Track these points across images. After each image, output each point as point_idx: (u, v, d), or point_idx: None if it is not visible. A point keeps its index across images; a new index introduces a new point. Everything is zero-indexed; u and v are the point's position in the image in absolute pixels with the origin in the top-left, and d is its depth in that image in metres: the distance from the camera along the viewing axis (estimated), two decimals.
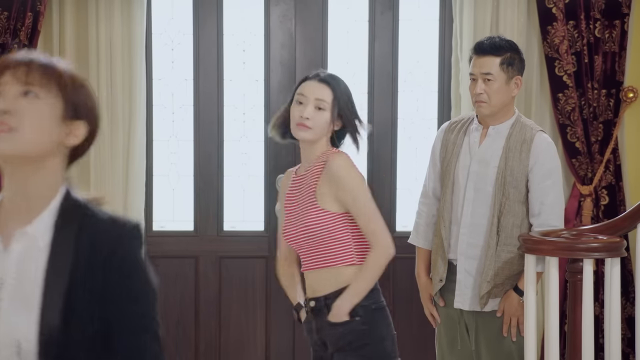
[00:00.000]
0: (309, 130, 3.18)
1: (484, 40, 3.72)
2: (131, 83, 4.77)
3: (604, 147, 4.73)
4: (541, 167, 3.63)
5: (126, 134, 4.79)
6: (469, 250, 3.67)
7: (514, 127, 3.68)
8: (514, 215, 3.64)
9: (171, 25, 4.98)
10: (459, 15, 4.77)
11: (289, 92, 4.88)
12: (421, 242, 3.91)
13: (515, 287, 3.66)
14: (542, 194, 3.62)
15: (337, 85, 3.22)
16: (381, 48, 4.95)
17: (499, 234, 3.62)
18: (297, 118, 3.19)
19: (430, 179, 3.87)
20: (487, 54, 3.64)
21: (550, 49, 4.67)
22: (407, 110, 5.02)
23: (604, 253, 3.57)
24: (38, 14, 4.59)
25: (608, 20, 4.67)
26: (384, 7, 4.94)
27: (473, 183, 3.66)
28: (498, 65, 3.63)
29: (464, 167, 3.68)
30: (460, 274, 3.69)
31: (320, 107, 3.18)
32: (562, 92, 4.68)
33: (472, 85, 3.67)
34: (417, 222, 3.93)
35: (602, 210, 4.76)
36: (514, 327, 3.68)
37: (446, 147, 3.77)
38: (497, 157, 3.63)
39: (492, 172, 3.63)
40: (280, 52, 4.93)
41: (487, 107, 3.64)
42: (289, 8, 4.93)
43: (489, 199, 3.63)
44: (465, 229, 3.66)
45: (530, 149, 3.62)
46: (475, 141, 3.69)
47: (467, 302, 3.70)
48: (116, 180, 4.77)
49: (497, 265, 3.62)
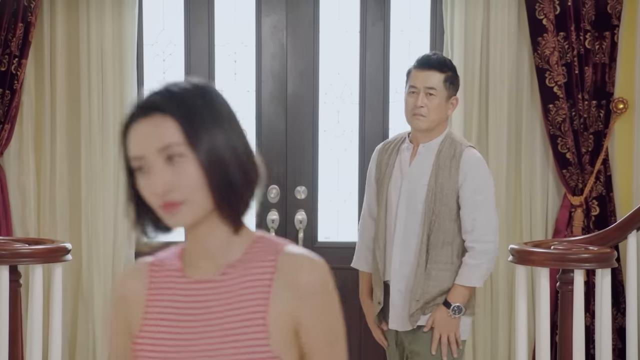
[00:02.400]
0: None
1: (430, 55, 3.69)
2: (122, 94, 4.77)
3: (594, 158, 4.74)
4: (470, 182, 3.55)
5: (118, 145, 4.78)
6: (401, 269, 3.59)
7: (443, 143, 3.60)
8: (445, 233, 3.54)
9: (162, 35, 4.98)
10: (450, 27, 4.79)
11: (280, 103, 4.92)
12: (362, 265, 3.83)
13: (445, 301, 3.55)
14: (473, 210, 3.53)
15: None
16: (372, 59, 4.96)
17: (428, 252, 3.54)
18: None
19: (367, 201, 3.82)
20: (433, 69, 3.60)
21: (540, 60, 4.68)
22: (398, 121, 5.02)
23: (595, 264, 3.59)
24: (29, 24, 4.59)
25: (598, 31, 4.69)
26: (375, 17, 4.95)
27: (405, 202, 3.59)
28: (442, 81, 3.59)
29: (396, 187, 3.62)
30: (394, 294, 3.60)
31: None
32: (552, 103, 4.69)
33: (410, 98, 3.61)
34: (359, 245, 3.86)
35: (592, 221, 4.76)
36: (445, 345, 3.54)
37: (380, 168, 3.72)
38: (427, 175, 3.56)
39: (422, 189, 3.56)
40: (272, 63, 4.93)
41: (425, 121, 3.57)
42: (280, 19, 4.93)
43: (419, 216, 3.55)
44: (397, 248, 3.59)
45: (459, 165, 3.55)
46: (406, 160, 3.63)
47: (400, 322, 3.60)
48: (107, 191, 4.76)
49: (426, 283, 3.53)
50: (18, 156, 4.76)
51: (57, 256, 3.73)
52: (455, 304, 3.51)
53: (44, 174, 4.78)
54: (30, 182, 4.75)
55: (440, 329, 3.52)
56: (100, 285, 4.75)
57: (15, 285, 3.71)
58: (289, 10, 4.93)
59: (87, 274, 4.75)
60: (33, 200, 4.76)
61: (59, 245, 3.77)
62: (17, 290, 3.73)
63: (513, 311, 4.68)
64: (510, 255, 3.75)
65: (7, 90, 4.60)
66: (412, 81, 3.63)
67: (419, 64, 3.63)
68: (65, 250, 3.76)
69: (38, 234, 4.74)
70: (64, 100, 4.78)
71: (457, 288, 3.52)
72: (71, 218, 4.80)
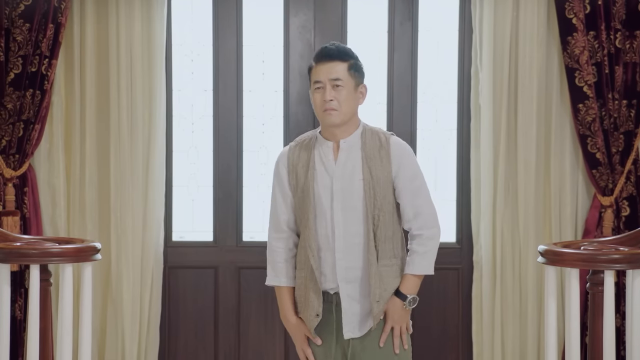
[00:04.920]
0: None
1: (328, 45, 3.40)
2: (151, 94, 4.80)
3: (624, 158, 4.70)
4: (406, 169, 3.38)
5: (146, 145, 4.82)
6: (348, 275, 3.35)
7: (364, 135, 3.41)
8: (386, 227, 3.37)
9: (191, 36, 5.00)
10: (479, 26, 4.77)
11: (308, 102, 4.92)
12: (283, 280, 3.47)
13: (398, 292, 3.36)
14: (414, 197, 3.36)
15: None
16: (400, 58, 4.95)
17: (377, 249, 3.34)
18: None
19: (282, 211, 3.47)
20: (334, 59, 3.34)
21: (570, 60, 4.65)
22: (426, 121, 5.01)
23: (626, 265, 3.55)
24: (59, 25, 4.62)
25: (629, 30, 4.66)
26: (404, 17, 4.94)
27: (339, 203, 3.36)
28: (346, 70, 3.34)
29: (326, 188, 3.38)
30: (345, 301, 3.36)
31: None
32: (582, 103, 4.66)
33: (318, 94, 3.35)
34: (274, 261, 3.49)
35: (623, 222, 4.73)
36: (397, 337, 3.37)
37: (295, 172, 3.45)
38: (359, 170, 3.36)
39: (357, 185, 3.36)
40: (300, 63, 4.94)
41: (337, 115, 3.34)
42: (308, 19, 4.94)
43: (360, 215, 3.35)
44: (340, 254, 3.35)
45: (389, 154, 3.38)
46: (329, 158, 3.40)
47: (357, 328, 3.37)
48: (136, 190, 4.79)
49: (382, 281, 3.34)
50: (48, 156, 4.79)
51: (86, 255, 3.75)
52: (411, 295, 3.34)
53: (74, 173, 4.81)
54: (60, 182, 4.78)
55: (394, 322, 3.36)
56: (129, 285, 4.78)
57: (46, 284, 3.74)
58: (317, 10, 4.93)
59: (116, 273, 4.79)
60: (63, 199, 4.79)
61: (89, 245, 3.79)
62: (47, 289, 3.76)
63: (542, 312, 4.66)
64: (540, 255, 3.72)
65: (38, 90, 4.63)
66: (315, 76, 3.36)
67: (320, 57, 3.36)
68: (95, 250, 3.78)
69: (67, 233, 4.78)
70: (94, 100, 4.81)
71: (409, 278, 3.35)
72: (100, 217, 4.84)
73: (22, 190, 4.72)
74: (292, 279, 3.47)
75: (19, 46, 4.60)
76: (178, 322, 5.00)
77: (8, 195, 4.66)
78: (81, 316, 3.76)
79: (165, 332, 4.97)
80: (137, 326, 4.81)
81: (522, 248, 4.79)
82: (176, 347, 5.01)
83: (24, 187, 4.72)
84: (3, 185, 4.67)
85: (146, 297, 4.82)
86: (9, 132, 4.64)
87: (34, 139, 4.67)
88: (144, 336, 4.82)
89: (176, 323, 5.00)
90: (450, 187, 4.99)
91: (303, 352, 3.47)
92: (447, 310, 5.00)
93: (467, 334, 4.96)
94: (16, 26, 4.59)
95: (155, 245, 4.83)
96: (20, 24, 4.59)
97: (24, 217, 4.71)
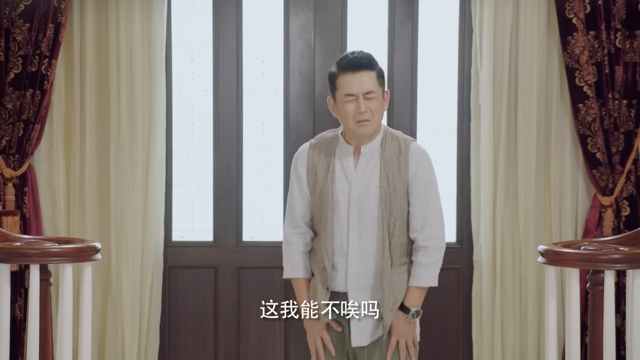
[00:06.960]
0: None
1: (356, 54, 3.33)
2: (151, 94, 4.80)
3: (624, 158, 4.70)
4: (421, 176, 3.37)
5: (146, 145, 4.82)
6: (359, 282, 3.37)
7: (384, 140, 3.39)
8: (402, 234, 3.37)
9: (191, 36, 5.00)
10: (479, 26, 4.77)
11: (308, 102, 4.93)
12: (301, 272, 3.48)
13: (401, 305, 3.35)
14: (425, 207, 3.36)
15: None
16: (400, 58, 4.95)
17: (392, 257, 3.34)
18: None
19: (299, 207, 3.47)
20: (364, 68, 3.30)
21: (570, 60, 4.65)
22: (426, 121, 5.01)
23: (626, 265, 3.55)
24: (59, 25, 4.62)
25: (629, 30, 4.66)
26: (404, 17, 4.94)
27: (356, 209, 3.36)
28: (376, 79, 3.31)
29: (344, 194, 3.38)
30: (353, 309, 3.37)
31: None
32: (582, 103, 4.66)
33: (351, 106, 3.30)
34: (290, 254, 3.49)
35: (623, 222, 4.73)
36: (403, 350, 3.36)
37: (314, 172, 3.44)
38: (377, 177, 3.36)
39: (374, 193, 3.36)
40: (299, 63, 4.94)
41: (371, 125, 3.33)
42: (308, 19, 4.94)
43: (375, 222, 3.35)
44: (353, 260, 3.36)
45: (408, 160, 3.37)
46: (350, 164, 3.40)
47: (367, 336, 3.37)
48: (136, 190, 4.79)
49: (395, 289, 3.34)
50: (48, 156, 4.79)
51: (86, 255, 3.75)
52: (415, 308, 3.33)
53: (74, 173, 4.81)
54: (60, 182, 4.78)
55: (399, 335, 3.36)
56: (129, 285, 4.78)
57: (46, 284, 3.74)
58: (317, 10, 4.93)
59: (116, 273, 4.79)
60: (63, 199, 4.79)
61: (89, 245, 3.79)
62: (47, 289, 3.75)
63: (542, 312, 4.66)
64: (540, 255, 3.72)
65: (38, 90, 4.63)
66: (347, 89, 3.30)
67: (348, 66, 3.31)
68: (95, 250, 3.78)
69: (67, 233, 4.78)
70: (94, 100, 4.81)
71: (413, 291, 3.35)
72: (100, 217, 4.83)
73: (22, 190, 4.72)
74: (309, 272, 3.49)
75: (19, 46, 4.60)
76: (178, 322, 5.00)
77: (8, 195, 4.66)
78: (81, 316, 3.76)
79: (165, 332, 4.97)
80: (137, 326, 4.81)
81: (522, 248, 4.79)
82: (176, 347, 5.01)
83: (23, 187, 4.72)
84: (3, 185, 4.67)
85: (146, 297, 4.82)
86: (8, 132, 4.64)
87: (33, 138, 4.67)
88: (144, 336, 4.82)
89: (176, 323, 5.00)
90: (450, 187, 4.98)
91: (315, 345, 3.50)
92: (447, 310, 5.00)
93: (467, 334, 4.96)
94: (16, 26, 4.59)
95: (155, 245, 4.83)
96: (20, 23, 4.59)
97: (23, 217, 4.71)
